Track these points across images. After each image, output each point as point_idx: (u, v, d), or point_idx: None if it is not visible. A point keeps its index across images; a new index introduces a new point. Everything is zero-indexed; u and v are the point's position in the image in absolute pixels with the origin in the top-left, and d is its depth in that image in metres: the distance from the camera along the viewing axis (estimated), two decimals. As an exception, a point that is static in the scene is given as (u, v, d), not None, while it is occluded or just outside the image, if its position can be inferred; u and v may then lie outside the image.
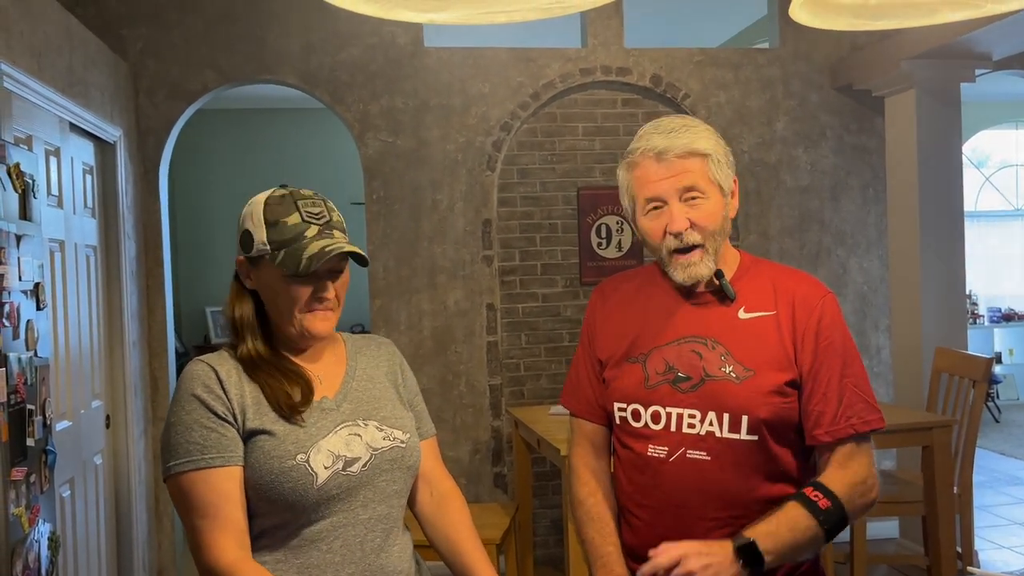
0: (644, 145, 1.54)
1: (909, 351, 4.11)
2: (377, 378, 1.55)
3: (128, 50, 3.93)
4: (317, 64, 4.10)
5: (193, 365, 1.41)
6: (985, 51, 3.85)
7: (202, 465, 1.33)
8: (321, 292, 1.42)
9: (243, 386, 1.40)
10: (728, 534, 1.48)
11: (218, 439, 1.34)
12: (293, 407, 1.39)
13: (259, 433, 1.37)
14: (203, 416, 1.35)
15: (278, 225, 1.40)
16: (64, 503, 2.90)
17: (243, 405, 1.38)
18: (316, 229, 1.41)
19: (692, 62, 4.38)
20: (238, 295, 1.46)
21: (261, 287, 1.44)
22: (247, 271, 1.45)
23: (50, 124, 2.90)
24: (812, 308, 1.54)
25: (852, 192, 4.55)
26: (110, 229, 3.55)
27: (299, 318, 1.42)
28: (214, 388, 1.37)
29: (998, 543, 4.43)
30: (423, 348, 4.20)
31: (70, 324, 3.03)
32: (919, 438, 3.38)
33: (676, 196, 1.51)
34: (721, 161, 1.54)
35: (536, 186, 4.32)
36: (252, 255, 1.42)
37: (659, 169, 1.51)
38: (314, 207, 1.43)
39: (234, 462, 1.35)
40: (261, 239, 1.41)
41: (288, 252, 1.38)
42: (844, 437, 1.51)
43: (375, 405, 1.49)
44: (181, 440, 1.35)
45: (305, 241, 1.39)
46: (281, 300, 1.41)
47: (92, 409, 3.27)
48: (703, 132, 1.54)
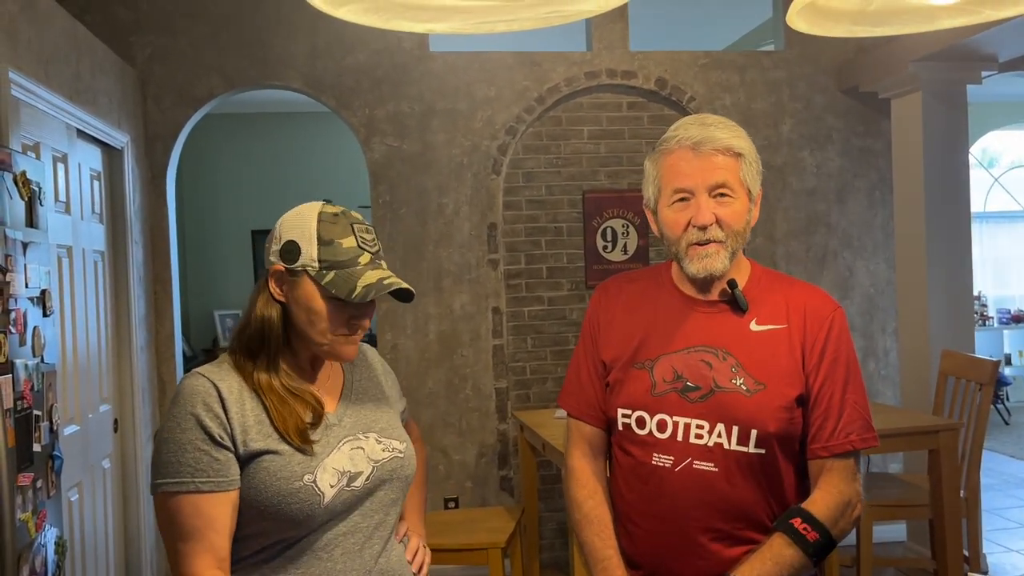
0: (681, 134, 1.52)
1: (916, 354, 4.09)
2: (371, 389, 1.55)
3: (136, 57, 3.96)
4: (323, 69, 4.12)
5: (193, 380, 1.37)
6: (991, 53, 3.84)
7: (191, 489, 1.30)
8: (361, 319, 1.41)
9: (244, 403, 1.36)
10: (728, 547, 1.48)
11: (210, 463, 1.31)
12: (303, 432, 1.37)
13: (264, 453, 1.34)
14: (198, 437, 1.32)
15: (332, 245, 1.38)
16: (72, 507, 2.92)
17: (244, 425, 1.35)
18: (368, 257, 1.40)
19: (697, 65, 4.38)
20: (268, 303, 1.41)
21: (295, 301, 1.39)
22: (282, 281, 1.40)
23: (58, 131, 2.93)
24: (822, 322, 1.53)
25: (859, 194, 4.54)
26: (118, 234, 3.57)
27: (332, 340, 1.39)
28: (214, 407, 1.33)
29: (1007, 546, 4.41)
30: (429, 352, 4.21)
31: (78, 329, 3.06)
32: (925, 441, 3.37)
33: (705, 191, 1.49)
34: (753, 165, 1.53)
35: (541, 190, 4.32)
36: (294, 267, 1.38)
37: (693, 160, 1.49)
38: (368, 234, 1.42)
39: (224, 487, 1.32)
40: (311, 255, 1.37)
41: (340, 275, 1.36)
42: (840, 453, 1.51)
43: (373, 417, 1.50)
44: (173, 460, 1.32)
45: (359, 268, 1.37)
46: (317, 319, 1.38)
47: (100, 413, 3.29)
48: (741, 133, 1.54)
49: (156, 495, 1.34)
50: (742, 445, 1.49)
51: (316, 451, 1.38)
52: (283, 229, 1.41)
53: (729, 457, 1.49)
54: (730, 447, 1.49)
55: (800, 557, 1.46)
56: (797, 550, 1.46)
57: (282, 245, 1.40)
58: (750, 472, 1.50)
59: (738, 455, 1.49)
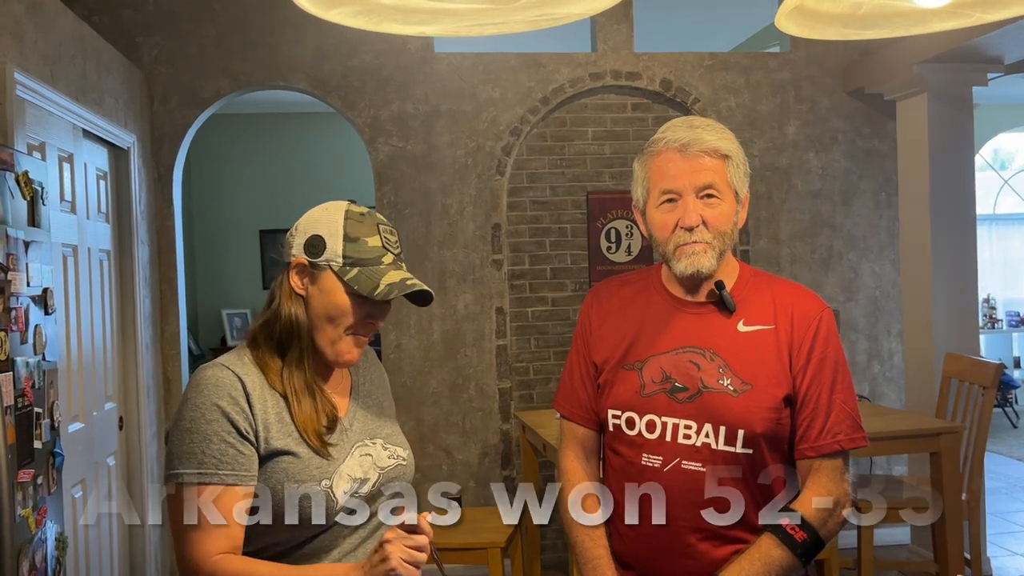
0: (669, 136, 1.54)
1: (921, 356, 4.08)
2: (375, 393, 1.56)
3: (143, 58, 3.99)
4: (329, 70, 4.14)
5: (218, 371, 1.35)
6: (997, 55, 3.82)
7: (215, 481, 1.30)
8: (375, 319, 1.41)
9: (266, 400, 1.36)
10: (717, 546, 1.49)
11: (235, 456, 1.31)
12: (320, 436, 1.37)
13: (283, 453, 1.34)
14: (224, 429, 1.31)
15: (358, 242, 1.38)
16: (76, 504, 2.94)
17: (267, 422, 1.34)
18: (392, 258, 1.41)
19: (702, 66, 4.38)
20: (292, 297, 1.40)
21: (314, 295, 1.39)
22: (304, 275, 1.40)
23: (63, 131, 2.96)
24: (810, 322, 1.54)
25: (864, 196, 4.53)
26: (124, 234, 3.60)
27: (343, 339, 1.39)
28: (240, 401, 1.33)
29: (1011, 550, 4.39)
30: (433, 352, 4.23)
31: (83, 327, 3.08)
32: (928, 444, 3.36)
33: (693, 192, 1.51)
34: (740, 167, 1.55)
35: (546, 190, 4.33)
36: (318, 261, 1.39)
37: (680, 162, 1.51)
38: (392, 235, 1.43)
39: (246, 482, 1.31)
40: (336, 251, 1.38)
41: (364, 272, 1.37)
42: (828, 453, 1.52)
43: (378, 423, 1.51)
44: (197, 450, 1.31)
45: (382, 267, 1.38)
46: (333, 314, 1.38)
47: (105, 411, 3.32)
48: (728, 135, 1.56)
49: (173, 485, 1.32)
50: (729, 445, 1.50)
51: (334, 456, 1.38)
52: (308, 223, 1.41)
53: (716, 457, 1.50)
54: (718, 447, 1.50)
55: (789, 558, 1.47)
56: (786, 550, 1.47)
57: (307, 239, 1.40)
58: (737, 472, 1.51)
59: (725, 455, 1.50)
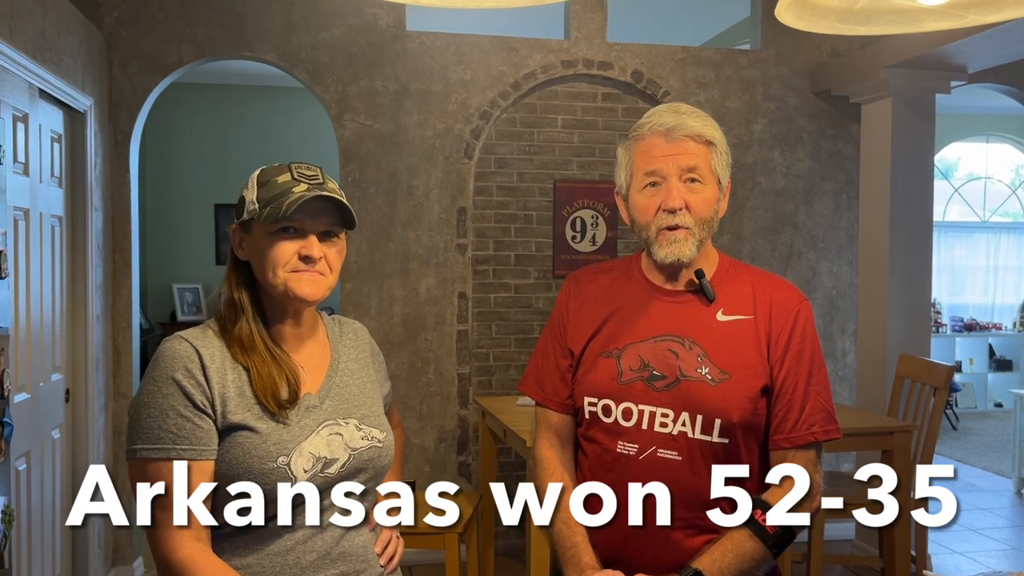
0: (655, 120, 1.53)
1: (874, 356, 4.16)
2: (357, 372, 1.52)
3: (103, 18, 3.85)
4: (297, 43, 4.05)
5: (175, 343, 1.34)
6: (961, 63, 3.90)
7: (172, 455, 1.29)
8: (308, 251, 1.36)
9: (226, 373, 1.34)
10: (691, 536, 1.49)
11: (192, 430, 1.30)
12: (280, 404, 1.35)
13: (240, 428, 1.32)
14: (180, 403, 1.30)
15: (268, 184, 1.38)
16: (20, 476, 2.84)
17: (224, 396, 1.33)
18: (305, 187, 1.37)
19: (674, 59, 4.39)
20: (234, 268, 1.42)
21: (251, 253, 1.39)
22: (240, 239, 1.41)
23: (19, 89, 2.84)
24: (788, 313, 1.55)
25: (825, 196, 4.59)
26: (77, 200, 3.48)
27: (283, 277, 1.36)
28: (195, 374, 1.31)
29: (952, 548, 4.51)
30: (393, 334, 4.18)
31: (32, 295, 2.97)
32: (880, 442, 3.42)
33: (677, 175, 1.51)
34: (723, 156, 1.55)
35: (513, 176, 4.30)
36: (244, 219, 1.39)
37: (665, 145, 1.51)
38: (308, 171, 1.40)
39: (205, 456, 1.30)
40: (251, 199, 1.38)
41: (273, 206, 1.35)
42: (802, 444, 1.53)
43: (356, 402, 1.47)
44: (153, 425, 1.29)
45: (293, 195, 1.35)
46: (267, 260, 1.36)
47: (52, 382, 3.21)
48: (712, 123, 1.56)
49: (132, 460, 1.31)
50: (706, 434, 1.50)
51: (294, 432, 1.35)
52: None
53: (693, 446, 1.50)
54: (694, 436, 1.50)
55: (760, 549, 1.47)
56: (758, 542, 1.47)
57: (236, 207, 1.42)
58: (713, 461, 1.51)
59: (702, 444, 1.50)
